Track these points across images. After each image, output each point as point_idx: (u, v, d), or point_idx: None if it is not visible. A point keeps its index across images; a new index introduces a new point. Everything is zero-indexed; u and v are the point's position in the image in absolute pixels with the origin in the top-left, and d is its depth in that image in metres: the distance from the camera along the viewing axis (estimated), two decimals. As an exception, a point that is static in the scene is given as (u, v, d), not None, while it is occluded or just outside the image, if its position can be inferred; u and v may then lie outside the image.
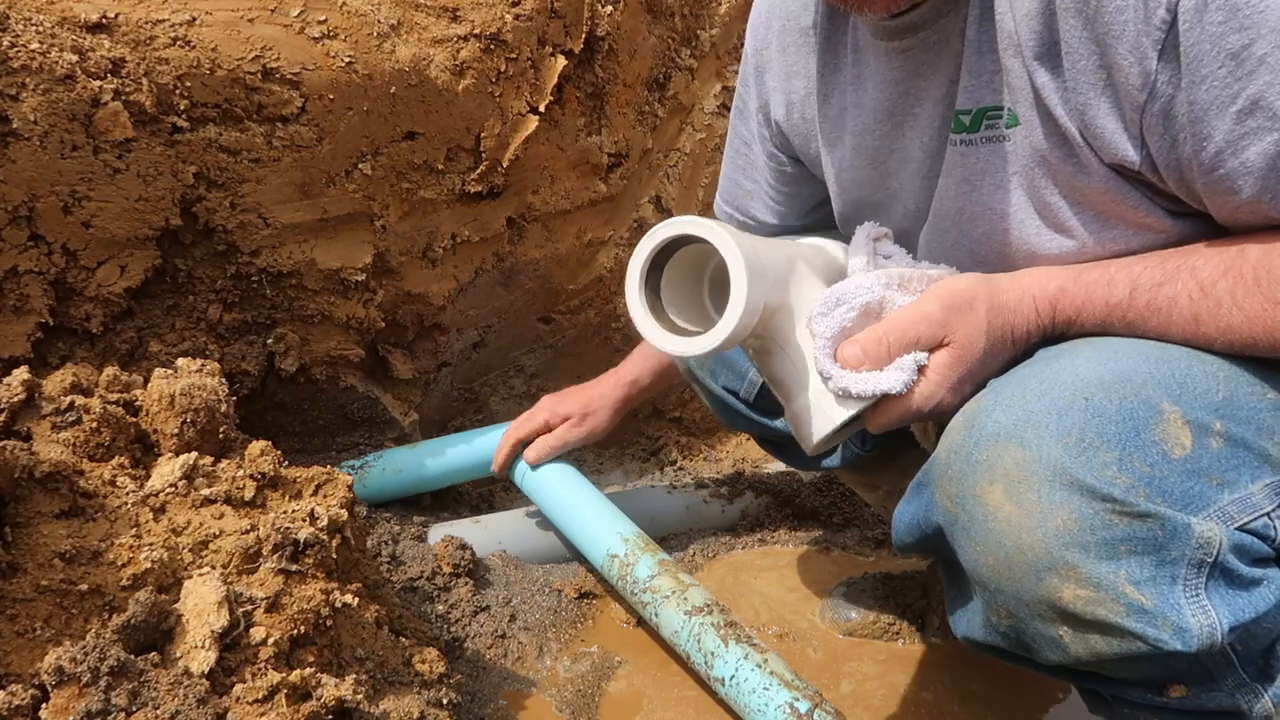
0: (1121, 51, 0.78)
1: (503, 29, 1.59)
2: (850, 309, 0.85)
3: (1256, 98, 0.73)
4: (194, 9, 1.32)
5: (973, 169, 0.93)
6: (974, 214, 0.95)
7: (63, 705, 0.74)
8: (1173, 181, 0.82)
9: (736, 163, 1.31)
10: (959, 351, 0.84)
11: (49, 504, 0.87)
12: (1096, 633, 0.74)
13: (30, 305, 1.24)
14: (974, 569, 0.80)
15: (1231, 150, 0.76)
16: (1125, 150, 0.82)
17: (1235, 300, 0.78)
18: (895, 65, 0.97)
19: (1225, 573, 0.74)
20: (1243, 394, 0.79)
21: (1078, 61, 0.81)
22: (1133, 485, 0.72)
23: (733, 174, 1.32)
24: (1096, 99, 0.81)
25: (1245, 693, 0.78)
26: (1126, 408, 0.75)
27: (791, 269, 0.91)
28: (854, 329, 0.86)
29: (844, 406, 0.85)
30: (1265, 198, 0.76)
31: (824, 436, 0.87)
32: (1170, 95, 0.77)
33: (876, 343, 0.84)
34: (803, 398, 0.89)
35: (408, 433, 1.72)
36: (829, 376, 0.85)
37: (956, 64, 0.92)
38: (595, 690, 1.27)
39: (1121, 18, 0.77)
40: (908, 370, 0.83)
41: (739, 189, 1.32)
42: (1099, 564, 0.72)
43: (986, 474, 0.77)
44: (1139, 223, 0.86)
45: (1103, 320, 0.85)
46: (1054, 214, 0.89)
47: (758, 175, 1.27)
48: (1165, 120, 0.78)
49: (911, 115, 0.99)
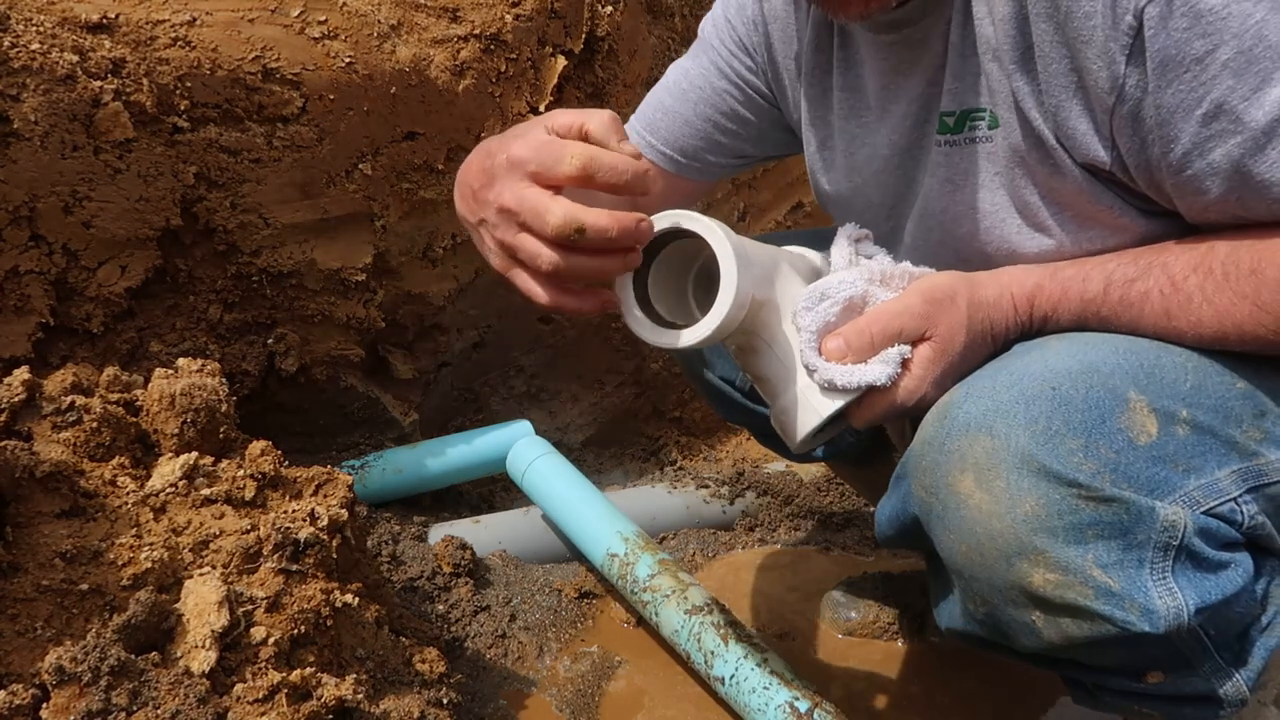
0: (1091, 56, 0.79)
1: (503, 29, 1.59)
2: (834, 303, 0.86)
3: (1220, 102, 0.75)
4: (194, 9, 1.32)
5: (956, 169, 0.95)
6: (957, 213, 0.96)
7: (63, 705, 0.74)
8: (1143, 181, 0.84)
9: (676, 90, 1.21)
10: (941, 345, 0.85)
11: (49, 504, 0.87)
12: (1067, 616, 0.76)
13: (31, 305, 1.24)
14: (949, 557, 0.82)
15: (1198, 152, 0.78)
16: (1096, 151, 0.84)
17: (1205, 295, 0.80)
18: (882, 57, 0.98)
19: (1191, 556, 0.75)
20: (1211, 383, 0.81)
21: (1050, 65, 0.83)
22: (1098, 471, 0.74)
23: (668, 102, 1.22)
24: (1069, 102, 0.83)
25: (1220, 677, 0.80)
26: (1093, 396, 0.77)
27: (776, 267, 0.91)
28: (838, 324, 0.86)
29: (830, 399, 0.85)
30: (1232, 198, 0.79)
31: (810, 431, 0.88)
32: (1138, 99, 0.79)
33: (859, 334, 0.84)
34: (789, 393, 0.89)
35: (408, 433, 1.72)
36: (814, 369, 0.85)
37: (935, 65, 0.94)
38: (595, 690, 1.27)
39: (1090, 24, 0.78)
40: (891, 363, 0.83)
41: (672, 116, 1.21)
42: (1067, 548, 0.74)
43: (958, 463, 0.79)
44: (1114, 223, 0.88)
45: (1078, 315, 0.87)
46: (1033, 214, 0.91)
47: (700, 102, 1.19)
48: (1134, 123, 0.80)
49: (887, 111, 1.00)
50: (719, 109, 1.20)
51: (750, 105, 1.20)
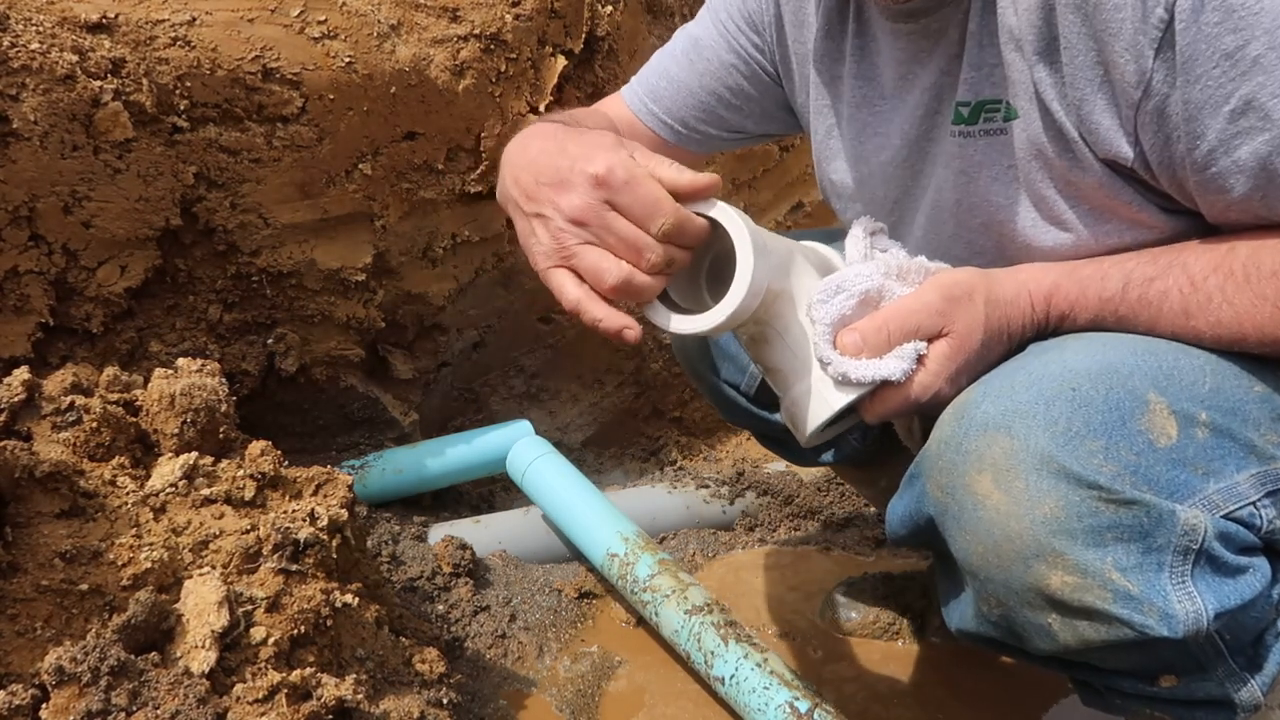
0: (1118, 49, 0.78)
1: (503, 29, 1.59)
2: (850, 296, 0.85)
3: (1249, 98, 0.74)
4: (194, 9, 1.32)
5: (970, 160, 0.94)
6: (971, 205, 0.95)
7: (63, 705, 0.74)
8: (1165, 179, 0.83)
9: (679, 60, 1.21)
10: (958, 342, 0.85)
11: (49, 504, 0.87)
12: (1084, 619, 0.75)
13: (31, 305, 1.24)
14: (964, 558, 0.81)
15: (1224, 149, 0.77)
16: (1120, 147, 0.83)
17: (1225, 295, 0.79)
18: (900, 46, 0.97)
19: (1211, 560, 0.74)
20: (1229, 386, 0.80)
21: (1075, 57, 0.82)
22: (1119, 473, 0.73)
23: (672, 68, 1.22)
24: (1093, 95, 0.82)
25: (1235, 682, 0.79)
26: (1113, 398, 0.76)
27: (792, 258, 0.91)
28: (853, 317, 0.86)
29: (843, 392, 0.85)
30: (1256, 196, 0.78)
31: (820, 424, 0.87)
32: (1165, 94, 0.78)
33: (876, 330, 0.84)
34: (800, 385, 0.88)
35: (408, 433, 1.72)
36: (828, 362, 0.85)
37: (951, 54, 0.93)
38: (595, 690, 1.27)
39: (1119, 15, 0.77)
40: (907, 359, 0.83)
41: (673, 84, 1.21)
42: (1086, 551, 0.73)
43: (975, 463, 0.78)
44: (1133, 219, 0.87)
45: (1095, 315, 0.86)
46: (1050, 208, 0.90)
47: (703, 72, 1.20)
48: (1159, 118, 0.79)
49: (902, 100, 0.99)
50: (724, 83, 1.20)
51: (755, 82, 1.19)
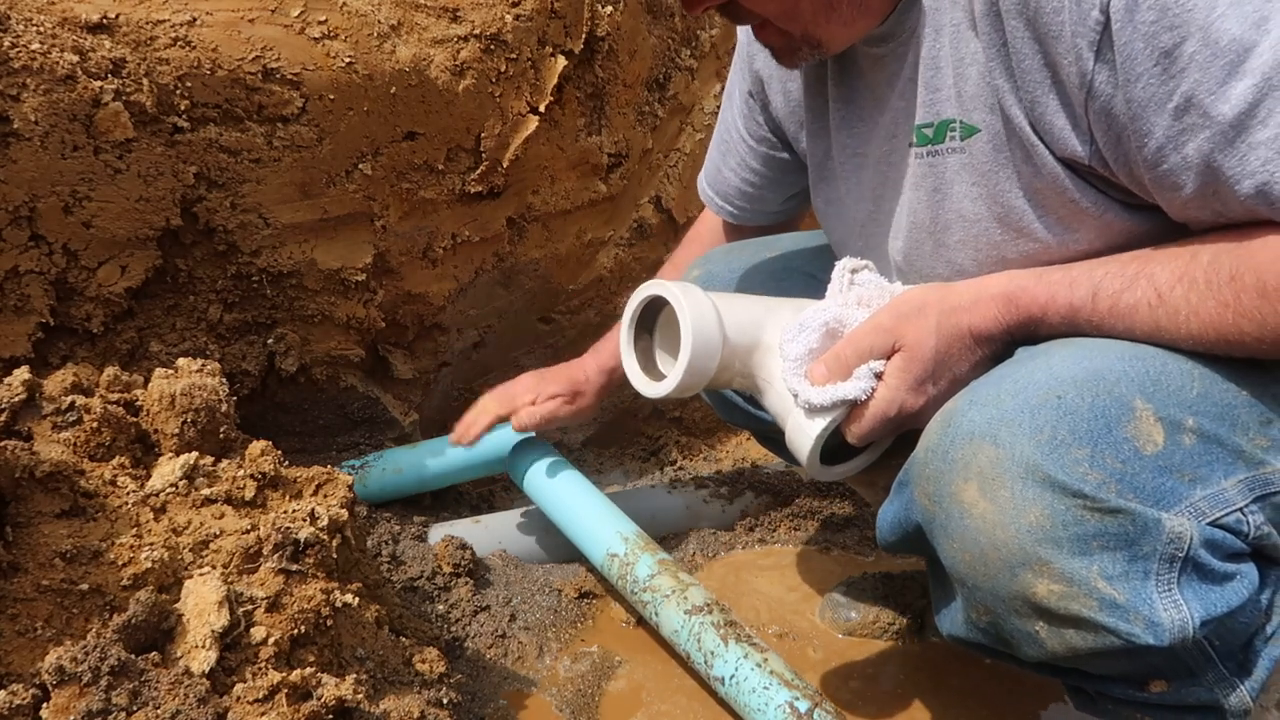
0: (1060, 51, 0.79)
1: (503, 29, 1.59)
2: (812, 331, 0.93)
3: (1189, 95, 0.74)
4: (194, 9, 1.32)
5: (941, 178, 0.95)
6: (946, 222, 0.97)
7: (63, 705, 0.74)
8: (1124, 176, 0.83)
9: (720, 148, 1.36)
10: (909, 353, 0.88)
11: (50, 504, 0.87)
12: (1071, 627, 0.75)
13: (31, 305, 1.24)
14: (952, 566, 0.81)
15: (1172, 146, 0.77)
16: (1074, 145, 0.83)
17: (1191, 306, 0.78)
18: (876, 69, 1.00)
19: (1197, 567, 0.74)
20: (1217, 391, 0.80)
21: (1023, 61, 0.83)
22: (1104, 481, 0.73)
23: (716, 159, 1.38)
24: (1045, 96, 0.83)
25: (1224, 687, 0.80)
26: (1099, 405, 0.76)
27: (769, 314, 1.01)
28: (821, 349, 0.93)
29: (815, 419, 0.92)
30: (1208, 192, 0.77)
31: (808, 452, 0.94)
32: (1109, 94, 0.78)
33: (835, 357, 0.90)
34: (790, 422, 0.96)
35: (408, 433, 1.72)
36: (797, 393, 0.92)
37: (909, 78, 0.95)
38: (595, 690, 1.27)
39: (1058, 19, 0.78)
40: (865, 378, 0.89)
41: (719, 175, 1.38)
42: (1071, 559, 0.73)
43: (961, 472, 0.78)
44: (1098, 222, 0.87)
45: (1069, 320, 0.86)
46: (1017, 218, 0.91)
47: (735, 162, 1.34)
48: (1107, 118, 0.80)
49: (875, 123, 1.02)
50: (750, 162, 1.32)
51: (764, 158, 1.31)
